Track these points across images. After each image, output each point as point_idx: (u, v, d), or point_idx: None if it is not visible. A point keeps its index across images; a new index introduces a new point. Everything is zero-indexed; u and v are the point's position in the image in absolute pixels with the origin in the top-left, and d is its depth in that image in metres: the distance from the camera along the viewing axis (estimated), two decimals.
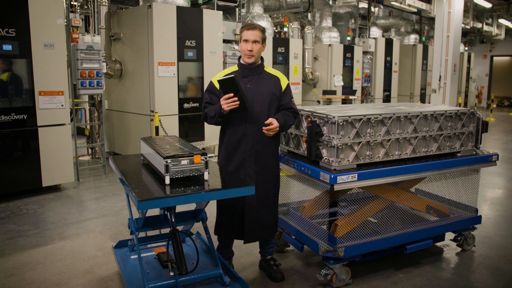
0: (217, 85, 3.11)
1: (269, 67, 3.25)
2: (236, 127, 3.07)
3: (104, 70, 6.81)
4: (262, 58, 3.20)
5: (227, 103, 2.90)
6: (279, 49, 8.95)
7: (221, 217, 3.20)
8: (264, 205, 3.13)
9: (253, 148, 3.06)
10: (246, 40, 3.05)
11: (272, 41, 8.77)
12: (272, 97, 3.10)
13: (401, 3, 10.83)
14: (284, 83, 3.18)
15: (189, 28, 6.67)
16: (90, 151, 7.78)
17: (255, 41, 3.04)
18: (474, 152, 3.68)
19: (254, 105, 3.04)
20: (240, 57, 3.16)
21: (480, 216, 3.78)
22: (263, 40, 3.11)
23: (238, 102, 2.88)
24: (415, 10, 11.97)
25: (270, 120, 3.00)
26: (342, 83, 10.60)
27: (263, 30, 3.11)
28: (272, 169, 3.16)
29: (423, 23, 15.92)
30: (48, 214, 4.78)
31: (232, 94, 2.87)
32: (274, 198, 3.22)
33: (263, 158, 3.10)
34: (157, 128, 6.14)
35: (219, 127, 3.26)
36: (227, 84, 2.87)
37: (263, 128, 2.99)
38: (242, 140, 3.07)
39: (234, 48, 8.09)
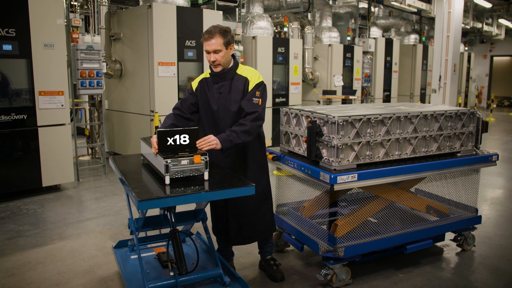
0: (194, 87, 3.06)
1: (243, 67, 3.01)
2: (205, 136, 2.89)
3: (104, 70, 6.81)
4: (234, 58, 2.97)
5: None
6: (279, 49, 8.95)
7: (212, 219, 3.21)
8: (247, 211, 3.05)
9: (227, 164, 2.98)
10: (207, 51, 2.84)
11: (272, 41, 8.77)
12: (239, 104, 2.91)
13: (401, 3, 10.83)
14: (252, 83, 2.92)
15: (189, 28, 6.67)
16: (90, 151, 7.78)
17: (215, 51, 2.82)
18: (474, 152, 3.68)
19: (224, 114, 2.92)
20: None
21: (480, 216, 3.78)
22: (227, 44, 2.84)
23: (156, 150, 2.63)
24: (415, 10, 11.97)
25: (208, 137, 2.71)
26: (342, 83, 10.60)
27: (223, 33, 2.82)
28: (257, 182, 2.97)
29: (423, 23, 15.91)
30: (48, 214, 4.78)
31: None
32: (259, 204, 3.11)
33: (243, 174, 2.97)
34: (157, 128, 6.13)
35: None
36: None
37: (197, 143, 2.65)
38: (215, 153, 2.93)
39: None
